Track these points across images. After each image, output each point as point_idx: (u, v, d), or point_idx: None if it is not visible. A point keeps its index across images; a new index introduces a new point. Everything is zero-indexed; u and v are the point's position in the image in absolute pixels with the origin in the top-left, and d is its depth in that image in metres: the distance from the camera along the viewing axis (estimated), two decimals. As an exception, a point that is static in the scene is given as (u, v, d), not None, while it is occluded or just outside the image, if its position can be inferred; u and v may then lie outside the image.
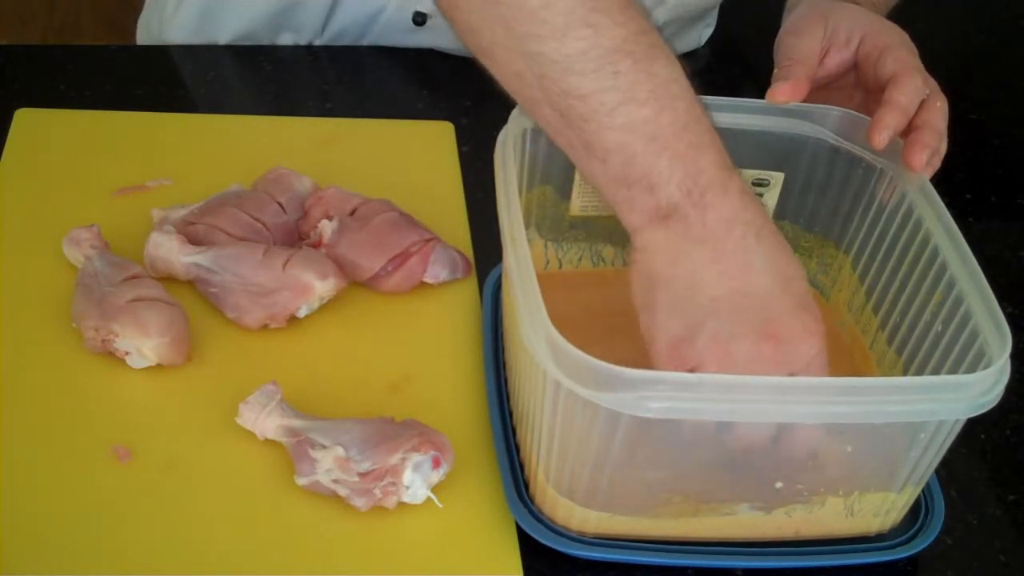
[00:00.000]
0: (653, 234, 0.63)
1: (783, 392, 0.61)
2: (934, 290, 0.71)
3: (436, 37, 1.09)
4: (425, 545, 0.69)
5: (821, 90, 0.80)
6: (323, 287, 0.79)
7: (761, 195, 0.82)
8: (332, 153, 0.97)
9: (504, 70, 0.65)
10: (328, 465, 0.69)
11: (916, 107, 0.75)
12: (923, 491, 0.73)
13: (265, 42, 1.10)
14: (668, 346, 0.63)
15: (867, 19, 0.81)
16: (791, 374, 0.63)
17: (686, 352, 0.62)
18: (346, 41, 1.11)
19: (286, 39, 1.10)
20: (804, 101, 0.77)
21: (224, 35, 1.10)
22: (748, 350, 0.62)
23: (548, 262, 0.84)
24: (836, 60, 0.80)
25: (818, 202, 0.82)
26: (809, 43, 0.79)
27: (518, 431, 0.73)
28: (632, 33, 0.62)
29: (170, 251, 0.81)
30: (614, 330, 0.81)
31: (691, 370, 0.62)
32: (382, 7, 1.08)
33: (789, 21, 0.83)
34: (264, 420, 0.72)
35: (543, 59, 0.62)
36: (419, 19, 1.08)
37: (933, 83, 0.77)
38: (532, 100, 0.65)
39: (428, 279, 0.84)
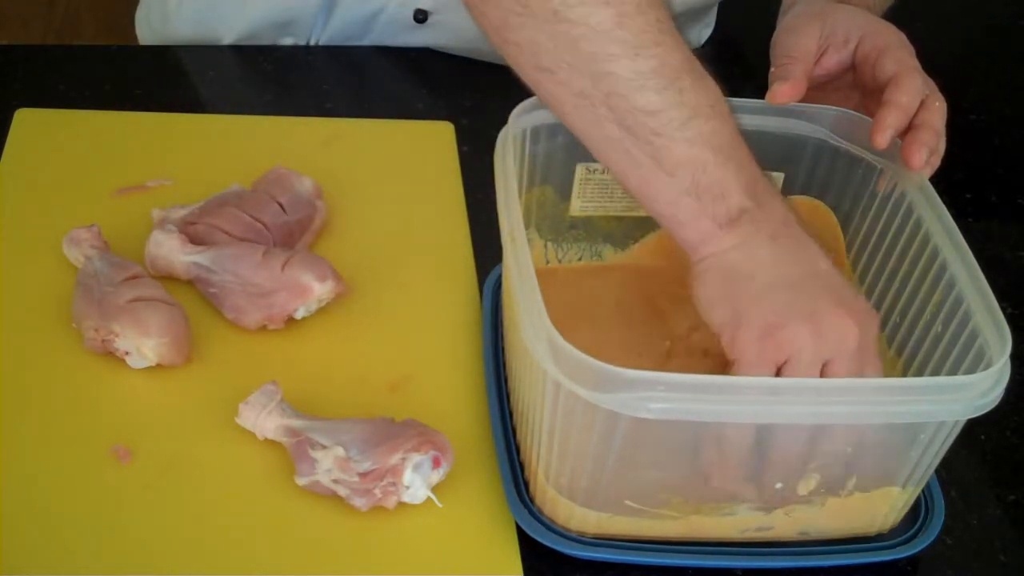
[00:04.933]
0: (724, 238, 0.65)
1: (783, 392, 0.61)
2: (934, 290, 0.71)
3: (437, 35, 1.09)
4: (425, 545, 0.69)
5: (819, 90, 0.80)
6: (322, 289, 0.79)
7: (761, 195, 0.82)
8: (332, 153, 0.97)
9: (563, 89, 0.66)
10: (328, 465, 0.69)
11: (916, 107, 0.75)
12: (923, 491, 0.73)
13: (266, 42, 1.10)
14: (760, 336, 0.64)
15: (864, 19, 0.81)
16: (864, 352, 0.65)
17: (781, 336, 0.64)
18: (347, 40, 1.11)
19: (287, 41, 1.10)
20: (802, 101, 0.77)
21: (228, 33, 1.10)
22: (835, 323, 0.64)
23: (548, 262, 0.84)
24: (834, 60, 0.80)
25: (818, 202, 0.82)
26: (806, 41, 0.79)
27: (518, 431, 0.73)
28: (688, 52, 0.65)
29: (171, 250, 0.81)
30: (613, 318, 0.81)
31: (785, 355, 0.64)
32: (383, 5, 1.08)
33: (786, 20, 0.83)
34: (264, 420, 0.72)
35: (614, 77, 0.63)
36: (420, 16, 1.08)
37: (932, 84, 0.77)
38: (594, 119, 0.66)
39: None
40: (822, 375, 0.64)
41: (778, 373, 0.64)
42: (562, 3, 0.63)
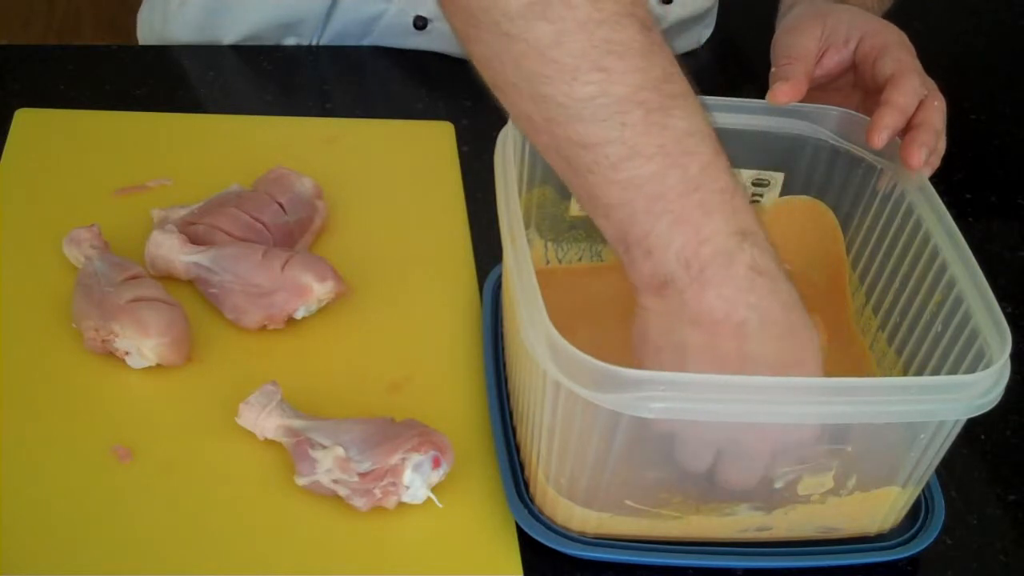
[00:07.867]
0: (649, 300, 0.60)
1: (783, 393, 0.61)
2: (934, 290, 0.71)
3: (436, 41, 1.09)
4: (425, 545, 0.69)
5: (819, 90, 0.80)
6: (322, 289, 0.79)
7: (761, 195, 0.82)
8: (332, 153, 0.97)
9: (515, 110, 0.61)
10: (328, 465, 0.69)
11: (914, 107, 0.75)
12: (923, 491, 0.73)
13: (268, 43, 1.10)
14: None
15: (865, 19, 0.81)
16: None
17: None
18: (346, 42, 1.11)
19: (289, 41, 1.10)
20: (802, 102, 0.77)
21: (228, 35, 1.10)
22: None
23: (548, 262, 0.84)
24: (835, 60, 0.80)
25: (818, 202, 0.82)
26: (806, 41, 0.79)
27: (518, 431, 0.73)
28: (651, 80, 0.58)
29: (171, 250, 0.81)
30: (613, 318, 0.81)
31: None
32: (383, 11, 1.08)
33: (787, 20, 0.83)
34: (264, 420, 0.72)
35: (551, 102, 0.58)
36: (420, 23, 1.08)
37: (931, 83, 0.77)
38: (541, 145, 0.61)
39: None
40: None
41: None
42: (503, 15, 0.57)
